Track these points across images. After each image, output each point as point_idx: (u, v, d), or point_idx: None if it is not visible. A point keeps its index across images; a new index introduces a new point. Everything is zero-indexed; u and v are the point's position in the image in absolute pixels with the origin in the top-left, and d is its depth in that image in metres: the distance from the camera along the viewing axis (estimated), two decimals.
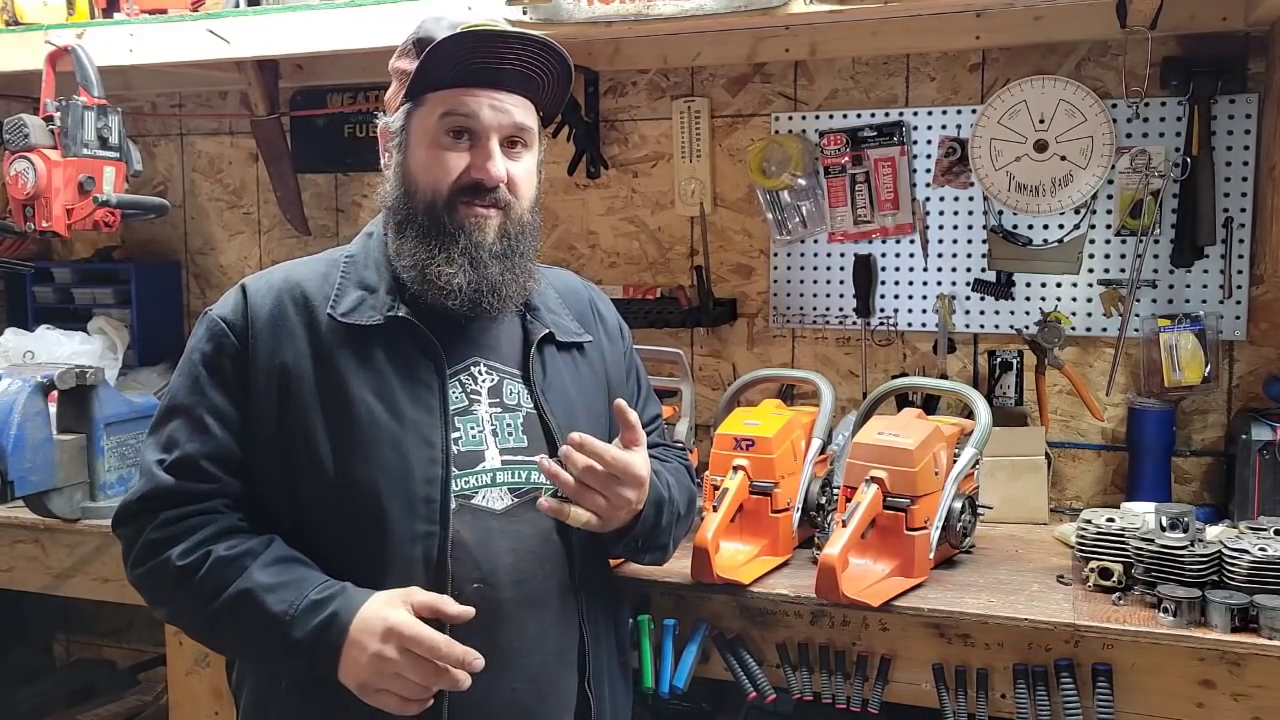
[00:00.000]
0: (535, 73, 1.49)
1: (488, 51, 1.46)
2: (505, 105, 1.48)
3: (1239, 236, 2.30)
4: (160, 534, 1.43)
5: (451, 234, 1.47)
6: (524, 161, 1.52)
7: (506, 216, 1.50)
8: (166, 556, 1.41)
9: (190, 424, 1.46)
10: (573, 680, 1.52)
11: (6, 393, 2.14)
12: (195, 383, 1.48)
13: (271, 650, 1.39)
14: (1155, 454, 2.31)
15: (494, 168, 1.47)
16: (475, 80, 1.47)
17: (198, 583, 1.40)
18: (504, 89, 1.48)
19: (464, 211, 1.47)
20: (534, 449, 1.51)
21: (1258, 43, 2.27)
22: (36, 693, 3.08)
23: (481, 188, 1.47)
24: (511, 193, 1.50)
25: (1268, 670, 1.63)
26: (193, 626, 1.49)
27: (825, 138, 2.55)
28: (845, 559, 1.77)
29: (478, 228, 1.48)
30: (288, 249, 3.07)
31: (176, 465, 1.45)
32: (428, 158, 1.48)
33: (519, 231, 1.51)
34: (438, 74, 1.46)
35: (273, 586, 1.37)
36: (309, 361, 1.46)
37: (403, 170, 1.51)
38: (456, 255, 1.46)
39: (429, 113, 1.48)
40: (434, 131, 1.48)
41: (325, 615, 1.35)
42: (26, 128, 2.30)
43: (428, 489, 1.43)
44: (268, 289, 1.51)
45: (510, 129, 1.49)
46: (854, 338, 2.60)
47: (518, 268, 1.51)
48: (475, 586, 1.43)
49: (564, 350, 1.60)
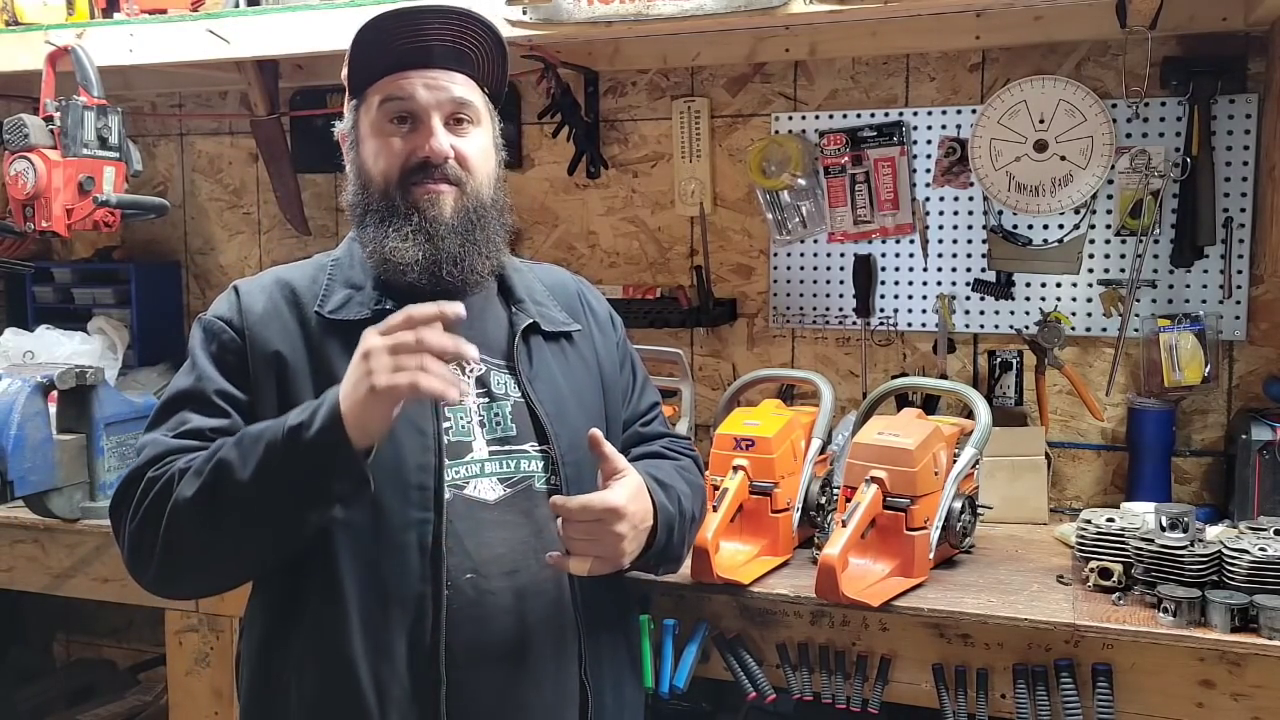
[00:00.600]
0: (465, 47, 1.51)
1: (409, 31, 1.48)
2: (440, 83, 1.50)
3: (1239, 236, 2.30)
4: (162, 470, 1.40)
5: (405, 213, 1.49)
6: (473, 138, 1.53)
7: (462, 192, 1.51)
8: (171, 472, 1.38)
9: (198, 407, 1.46)
10: (571, 672, 1.51)
11: (6, 393, 2.14)
12: (201, 373, 1.48)
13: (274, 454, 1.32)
14: (1155, 454, 2.31)
15: (436, 143, 1.48)
16: (405, 62, 1.50)
17: (203, 459, 1.37)
18: (436, 67, 1.50)
19: (417, 191, 1.50)
20: (523, 438, 1.52)
21: (1258, 43, 2.27)
22: (36, 693, 3.08)
23: (429, 165, 1.49)
24: (464, 168, 1.51)
25: (1268, 670, 1.63)
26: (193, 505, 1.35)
27: (825, 138, 2.55)
28: (845, 559, 1.77)
29: (431, 204, 1.49)
30: (288, 249, 3.08)
31: (186, 434, 1.44)
32: (375, 147, 1.51)
33: (478, 206, 1.53)
34: (370, 65, 1.50)
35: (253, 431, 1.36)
36: (303, 355, 1.47)
37: (357, 167, 1.55)
38: (410, 231, 1.48)
39: (370, 105, 1.52)
40: (378, 121, 1.51)
41: (314, 402, 1.34)
42: (26, 128, 2.30)
43: (421, 476, 1.43)
44: (260, 288, 1.53)
45: (450, 105, 1.51)
46: (854, 338, 2.60)
47: (481, 242, 1.52)
48: (468, 577, 1.43)
49: (551, 340, 1.61)
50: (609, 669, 1.57)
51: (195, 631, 2.26)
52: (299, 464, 1.31)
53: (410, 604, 1.41)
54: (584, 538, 1.42)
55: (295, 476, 1.32)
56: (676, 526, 1.56)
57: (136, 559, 1.43)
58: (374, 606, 1.42)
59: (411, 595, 1.41)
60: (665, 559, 1.58)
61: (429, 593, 1.41)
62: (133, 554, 1.43)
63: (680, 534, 1.58)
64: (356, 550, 1.42)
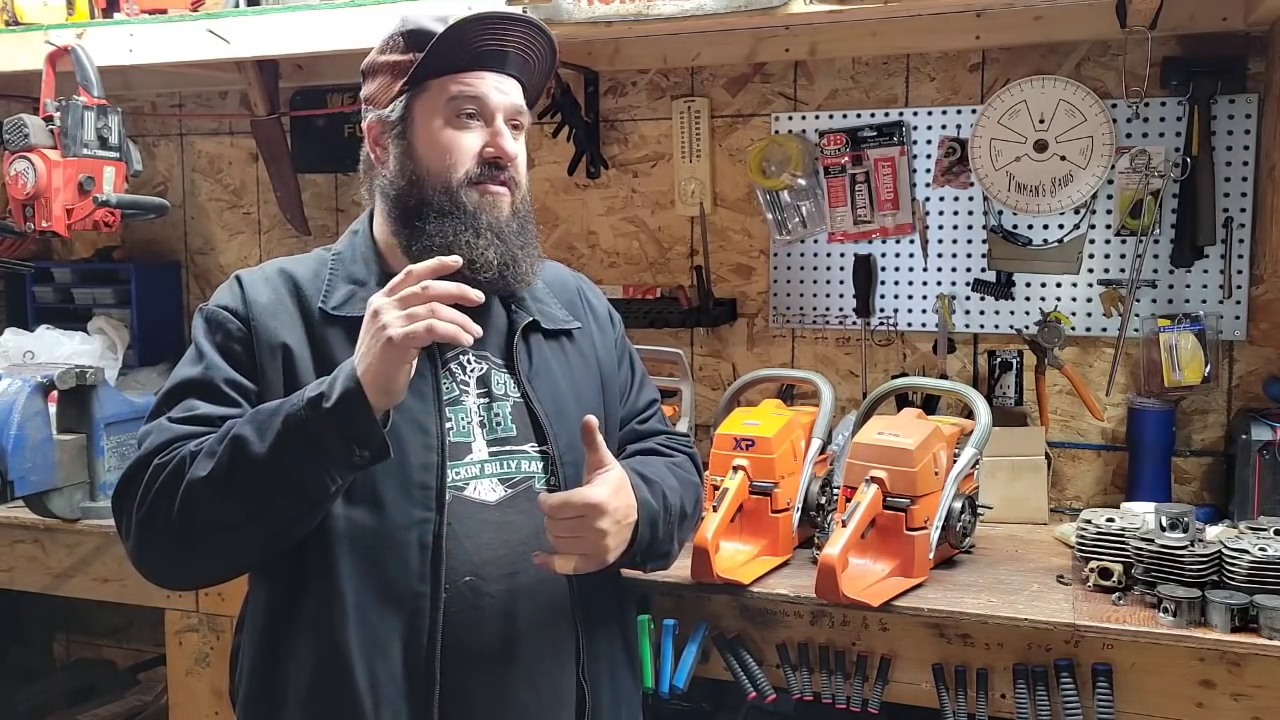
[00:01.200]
0: (530, 55, 1.53)
1: (495, 34, 1.49)
2: (507, 87, 1.52)
3: (1239, 236, 2.30)
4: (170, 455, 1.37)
5: (473, 212, 1.49)
6: (521, 144, 1.56)
7: (514, 195, 1.53)
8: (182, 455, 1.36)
9: (204, 395, 1.44)
10: (569, 673, 1.51)
11: (6, 393, 2.14)
12: (207, 361, 1.46)
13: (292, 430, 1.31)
14: (1155, 454, 2.31)
15: (507, 144, 1.50)
16: (482, 63, 1.50)
17: (210, 446, 1.35)
18: (506, 71, 1.52)
19: (478, 189, 1.50)
20: (523, 438, 1.52)
21: (1258, 43, 2.27)
22: (36, 693, 3.08)
23: (497, 165, 1.50)
24: (518, 172, 1.54)
25: (1268, 670, 1.63)
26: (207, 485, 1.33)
27: (825, 138, 2.55)
28: (845, 559, 1.77)
29: (493, 205, 1.50)
30: (288, 249, 3.07)
31: (193, 421, 1.42)
32: (441, 139, 1.49)
33: (525, 210, 1.55)
34: (443, 59, 1.48)
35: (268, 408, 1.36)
36: (307, 348, 1.47)
37: (408, 159, 1.51)
38: (483, 230, 1.48)
39: (434, 98, 1.50)
40: (445, 114, 1.50)
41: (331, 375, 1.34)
42: (26, 128, 2.30)
43: (424, 475, 1.43)
44: (263, 279, 1.52)
45: (513, 110, 1.53)
46: (854, 338, 2.60)
47: (529, 246, 1.54)
48: (467, 579, 1.43)
49: (551, 338, 1.60)
50: (606, 668, 1.57)
51: (195, 631, 2.26)
52: (320, 432, 1.30)
53: (407, 603, 1.41)
54: (567, 535, 1.41)
55: (316, 445, 1.30)
56: (661, 522, 1.54)
57: (143, 546, 1.40)
58: (371, 604, 1.41)
59: (409, 594, 1.41)
60: (651, 555, 1.56)
61: (426, 592, 1.41)
62: (139, 541, 1.40)
63: (666, 530, 1.56)
64: (356, 548, 1.42)
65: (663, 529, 1.55)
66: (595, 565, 1.44)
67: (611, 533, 1.43)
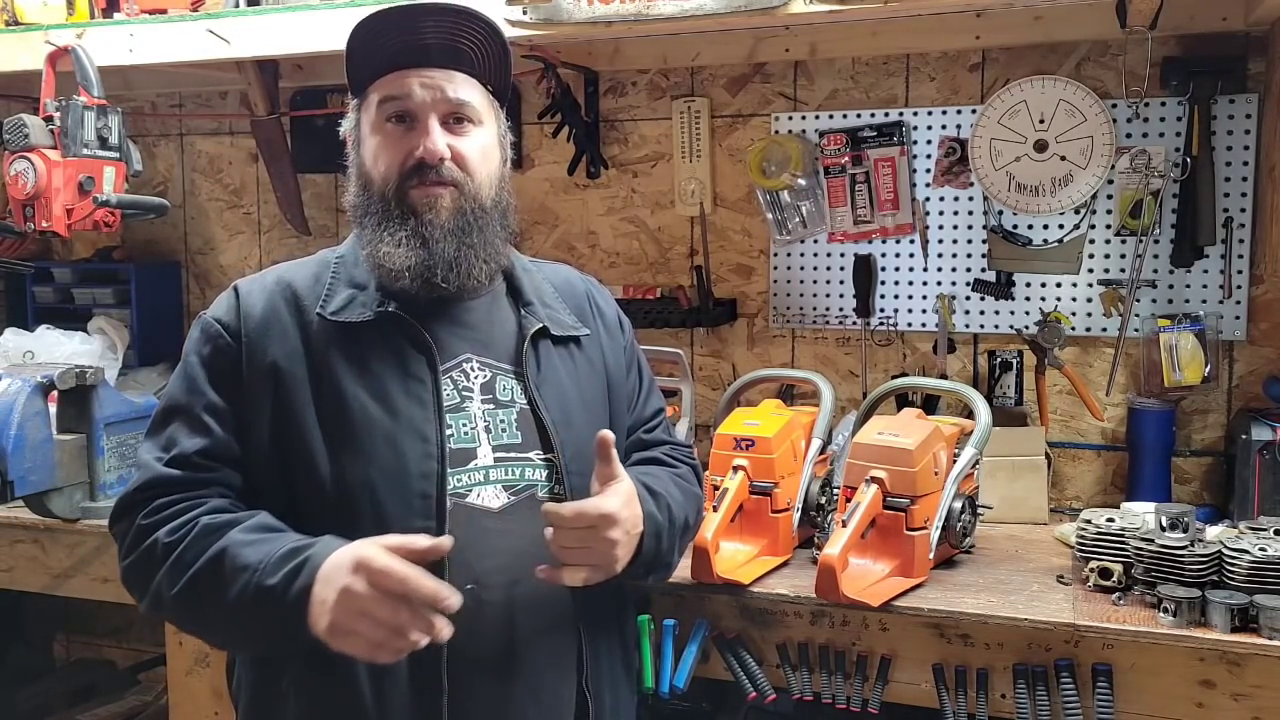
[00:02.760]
0: (464, 45, 1.49)
1: (405, 29, 1.47)
2: (437, 82, 1.48)
3: (1239, 236, 2.30)
4: (151, 519, 1.42)
5: (402, 216, 1.48)
6: (473, 138, 1.51)
7: (461, 193, 1.49)
8: (155, 537, 1.40)
9: (188, 423, 1.47)
10: (570, 682, 1.51)
11: (6, 393, 2.14)
12: (192, 383, 1.48)
13: (246, 604, 1.35)
14: (1155, 454, 2.31)
15: (431, 143, 1.46)
16: (402, 61, 1.48)
17: (181, 551, 1.38)
18: (434, 66, 1.49)
19: (415, 194, 1.48)
20: (528, 445, 1.51)
21: (1258, 43, 2.27)
22: (36, 693, 3.08)
23: (425, 166, 1.47)
24: (462, 169, 1.49)
25: (1268, 670, 1.63)
26: (176, 601, 1.41)
27: (825, 138, 2.55)
28: (845, 559, 1.77)
29: (429, 207, 1.48)
30: (288, 249, 3.07)
31: (175, 460, 1.45)
32: (374, 147, 1.50)
33: (476, 208, 1.50)
34: (369, 63, 1.48)
35: (252, 541, 1.36)
36: (302, 359, 1.46)
37: (358, 167, 1.54)
38: (405, 236, 1.47)
39: (370, 105, 1.51)
40: (376, 121, 1.50)
41: (298, 560, 1.33)
42: (26, 128, 2.30)
43: (423, 484, 1.42)
44: (260, 289, 1.51)
45: (448, 105, 1.49)
46: (854, 338, 2.60)
47: (479, 244, 1.50)
48: (469, 588, 1.41)
49: (560, 345, 1.59)
50: (608, 677, 1.56)
51: None
52: (266, 621, 1.35)
53: None
54: (577, 545, 1.39)
55: (261, 628, 1.38)
56: (665, 534, 1.53)
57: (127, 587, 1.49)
58: None
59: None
60: (655, 567, 1.56)
61: None
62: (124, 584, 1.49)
63: (670, 542, 1.56)
64: None
65: (666, 541, 1.55)
66: (603, 576, 1.43)
67: (621, 544, 1.42)
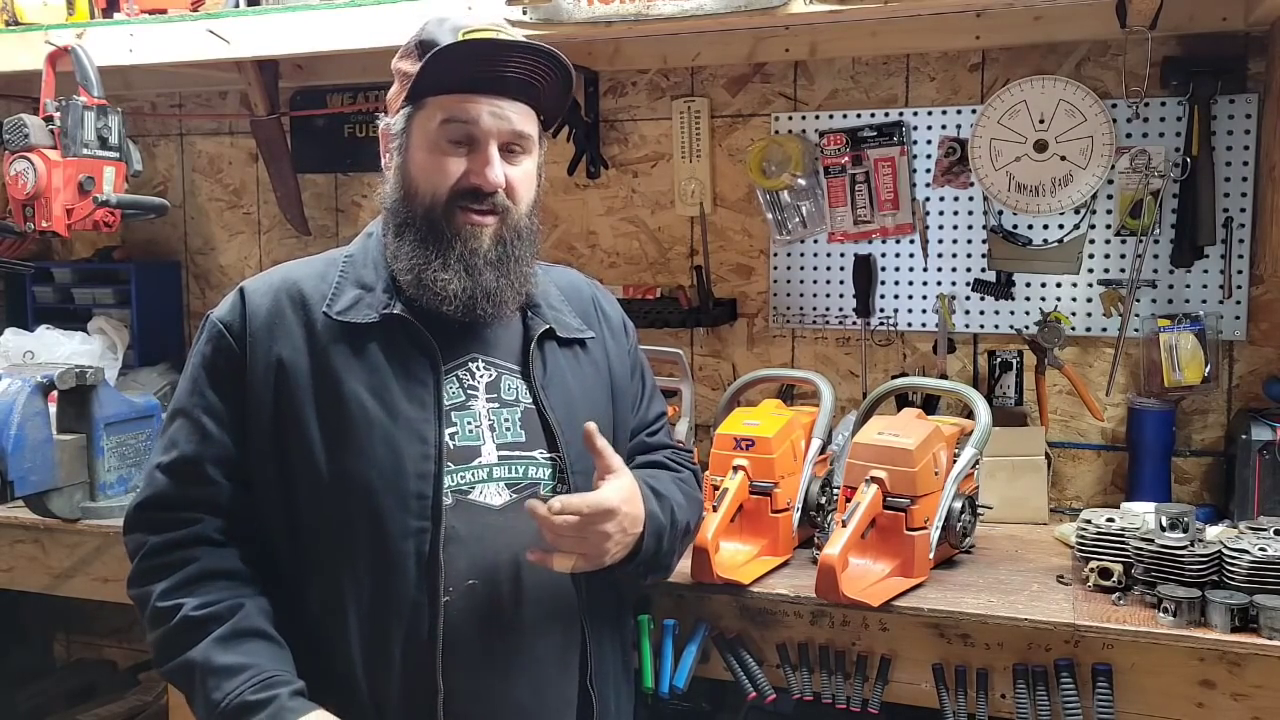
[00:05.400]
0: (536, 80, 1.49)
1: (490, 59, 1.46)
2: (505, 112, 1.48)
3: (1239, 236, 2.30)
4: (149, 564, 1.47)
5: (448, 240, 1.47)
6: (522, 166, 1.52)
7: (503, 223, 1.50)
8: (151, 590, 1.45)
9: (189, 426, 1.49)
10: (573, 680, 1.51)
11: (6, 393, 2.14)
12: (195, 385, 1.50)
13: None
14: (1155, 454, 2.31)
15: (492, 173, 1.46)
16: (477, 87, 1.47)
17: (164, 635, 1.43)
18: (505, 96, 1.48)
19: (461, 218, 1.47)
20: (532, 444, 1.51)
21: (1258, 43, 2.27)
22: (36, 693, 3.09)
23: (479, 193, 1.47)
24: (510, 198, 1.50)
25: (1268, 670, 1.63)
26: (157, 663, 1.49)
27: (825, 138, 2.55)
28: (845, 559, 1.77)
29: (474, 235, 1.48)
30: (288, 249, 3.08)
31: (173, 468, 1.48)
32: (427, 162, 1.48)
33: (515, 237, 1.51)
34: (439, 79, 1.46)
35: (218, 669, 1.38)
36: (305, 359, 1.46)
37: (403, 173, 1.51)
38: (452, 261, 1.46)
39: (429, 117, 1.48)
40: (434, 136, 1.48)
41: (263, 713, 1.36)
42: (26, 128, 2.30)
43: (420, 484, 1.43)
44: (266, 289, 1.51)
45: (509, 135, 1.49)
46: (854, 338, 2.60)
47: (513, 273, 1.51)
48: (470, 584, 1.43)
49: (565, 346, 1.60)
50: (611, 674, 1.57)
51: None
52: None
53: (406, 612, 1.41)
54: (572, 534, 1.41)
55: None
56: (666, 536, 1.55)
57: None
58: (372, 615, 1.42)
59: (408, 603, 1.41)
60: (653, 568, 1.57)
61: (424, 601, 1.41)
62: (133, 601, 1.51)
63: (670, 544, 1.57)
64: (356, 560, 1.42)
65: (667, 543, 1.56)
66: (591, 567, 1.44)
67: (614, 537, 1.43)
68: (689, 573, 1.84)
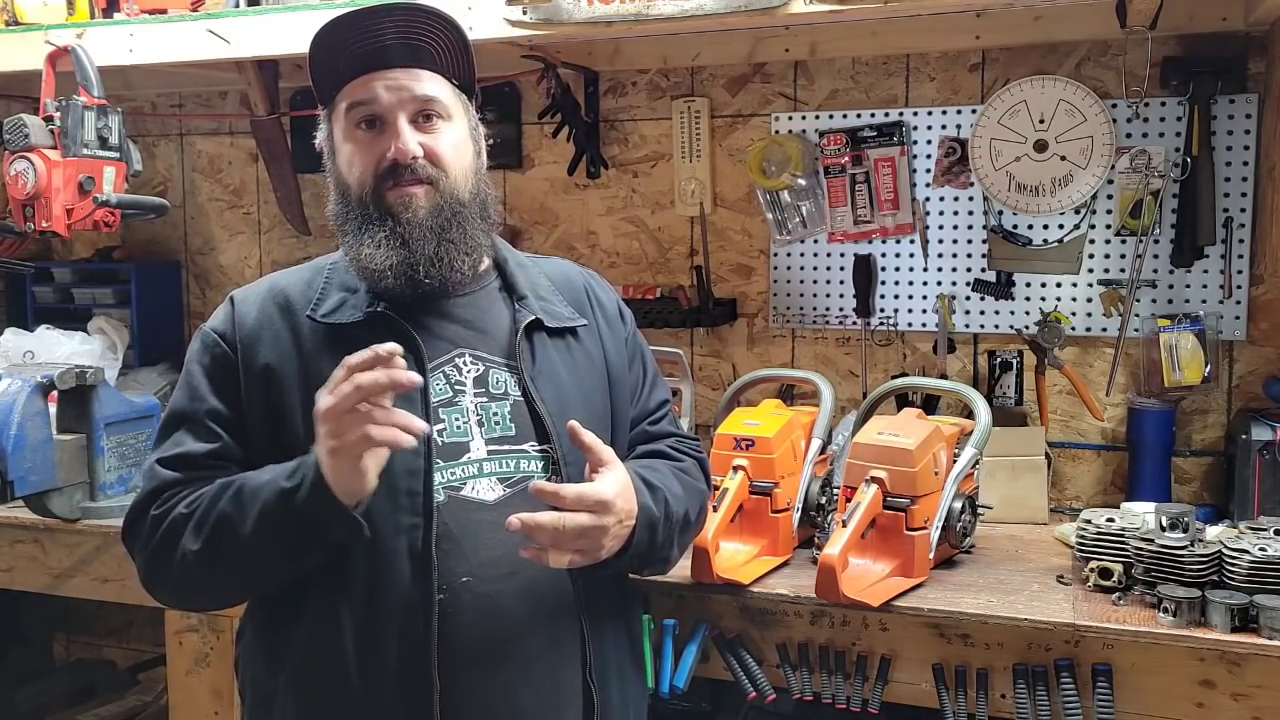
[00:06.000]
0: (423, 41, 1.50)
1: (362, 33, 1.47)
2: (401, 82, 1.49)
3: (1239, 236, 2.30)
4: (163, 508, 1.46)
5: (380, 219, 1.48)
6: (444, 134, 1.51)
7: (437, 190, 1.50)
8: (171, 517, 1.44)
9: (191, 428, 1.50)
10: (575, 673, 1.51)
11: (6, 393, 2.14)
12: (194, 391, 1.51)
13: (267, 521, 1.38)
14: (1155, 454, 2.31)
15: (402, 144, 1.47)
16: (363, 65, 1.49)
17: (201, 509, 1.42)
18: (396, 66, 1.49)
19: (390, 195, 1.48)
20: (522, 437, 1.51)
21: (1258, 43, 2.27)
22: (36, 693, 3.08)
23: (398, 167, 1.48)
24: (436, 165, 1.49)
25: (1268, 670, 1.63)
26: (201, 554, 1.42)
27: (825, 138, 2.55)
28: (845, 559, 1.77)
29: (406, 207, 1.48)
30: (288, 249, 3.08)
31: (177, 461, 1.48)
32: (348, 154, 1.51)
33: (454, 203, 1.51)
34: (330, 71, 1.49)
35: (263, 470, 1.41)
36: (293, 363, 1.48)
37: (335, 176, 1.54)
38: (383, 237, 1.48)
39: (339, 113, 1.52)
40: (346, 127, 1.51)
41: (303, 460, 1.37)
42: (26, 128, 2.30)
43: (409, 481, 1.43)
44: (254, 297, 1.55)
45: (415, 104, 1.49)
46: (854, 338, 2.60)
47: (458, 240, 1.51)
48: (464, 580, 1.42)
49: (556, 336, 1.59)
50: (614, 668, 1.56)
51: (195, 632, 2.26)
52: (294, 524, 1.37)
53: (401, 610, 1.41)
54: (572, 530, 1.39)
55: (291, 534, 1.38)
56: (661, 528, 1.52)
57: (151, 585, 1.52)
58: (367, 613, 1.42)
59: (402, 601, 1.41)
60: (649, 561, 1.55)
61: (419, 598, 1.41)
62: (147, 581, 1.52)
63: (666, 536, 1.54)
64: (349, 558, 1.42)
65: (662, 535, 1.53)
66: (587, 561, 1.43)
67: (611, 530, 1.42)
68: (689, 573, 1.84)
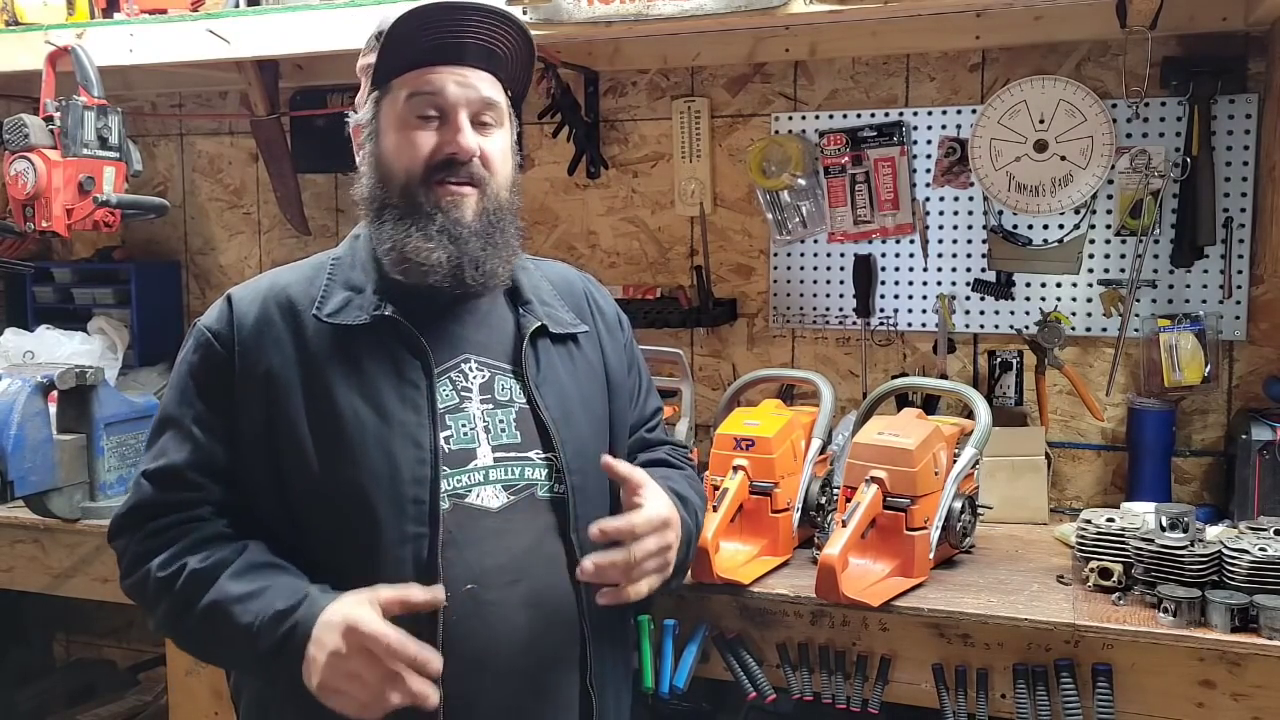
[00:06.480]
0: (497, 46, 1.49)
1: (446, 26, 1.45)
2: (470, 80, 1.47)
3: (1239, 236, 2.30)
4: (143, 546, 1.45)
5: (429, 213, 1.46)
6: (496, 139, 1.51)
7: (483, 193, 1.49)
8: (148, 568, 1.43)
9: (178, 434, 1.47)
10: (574, 681, 1.50)
11: (6, 393, 2.14)
12: (183, 394, 1.49)
13: (245, 660, 1.43)
14: (1155, 454, 2.31)
15: (465, 140, 1.45)
16: (437, 57, 1.46)
17: (174, 595, 1.41)
18: (467, 64, 1.48)
19: (440, 190, 1.46)
20: (528, 445, 1.50)
21: (1258, 43, 2.27)
22: (36, 693, 3.09)
23: (455, 163, 1.46)
24: (486, 168, 1.49)
25: (1268, 670, 1.63)
26: (176, 637, 1.51)
27: (825, 138, 2.55)
28: (845, 559, 1.77)
29: (454, 205, 1.46)
30: (288, 249, 3.08)
31: (161, 475, 1.46)
32: (399, 141, 1.47)
33: (497, 209, 1.50)
34: (399, 57, 1.46)
35: (241, 597, 1.37)
36: (295, 366, 1.45)
37: (375, 159, 1.50)
38: (434, 232, 1.45)
39: (396, 98, 1.48)
40: (402, 114, 1.47)
41: (289, 624, 1.34)
42: (26, 128, 2.30)
43: (416, 489, 1.41)
44: (253, 297, 1.50)
45: (478, 104, 1.48)
46: (854, 338, 2.60)
47: (499, 245, 1.50)
48: (468, 588, 1.41)
49: (559, 343, 1.58)
50: (611, 675, 1.56)
51: None
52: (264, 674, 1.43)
53: (405, 617, 1.39)
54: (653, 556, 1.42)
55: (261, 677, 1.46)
56: (694, 540, 1.56)
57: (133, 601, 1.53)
58: None
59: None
60: (678, 572, 1.56)
61: None
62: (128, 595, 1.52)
63: (694, 548, 1.59)
64: (355, 566, 1.41)
65: (692, 547, 1.57)
66: (661, 581, 1.45)
67: (674, 546, 1.44)
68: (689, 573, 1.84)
